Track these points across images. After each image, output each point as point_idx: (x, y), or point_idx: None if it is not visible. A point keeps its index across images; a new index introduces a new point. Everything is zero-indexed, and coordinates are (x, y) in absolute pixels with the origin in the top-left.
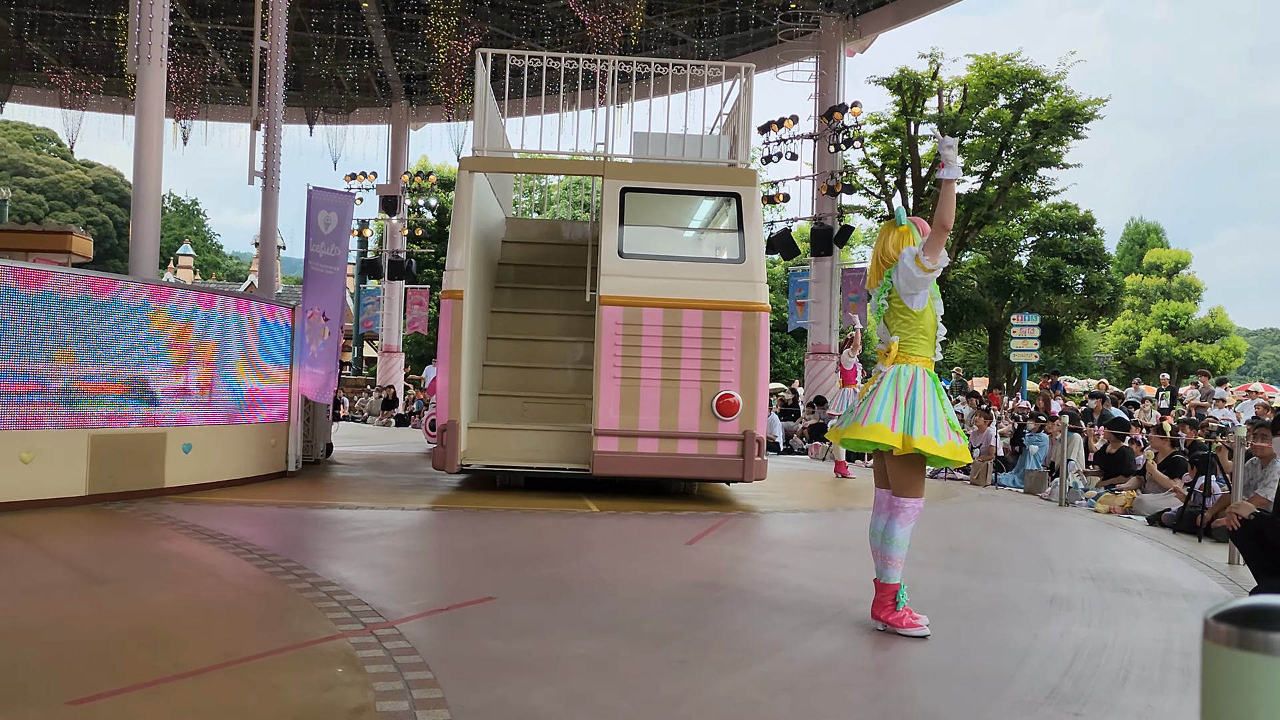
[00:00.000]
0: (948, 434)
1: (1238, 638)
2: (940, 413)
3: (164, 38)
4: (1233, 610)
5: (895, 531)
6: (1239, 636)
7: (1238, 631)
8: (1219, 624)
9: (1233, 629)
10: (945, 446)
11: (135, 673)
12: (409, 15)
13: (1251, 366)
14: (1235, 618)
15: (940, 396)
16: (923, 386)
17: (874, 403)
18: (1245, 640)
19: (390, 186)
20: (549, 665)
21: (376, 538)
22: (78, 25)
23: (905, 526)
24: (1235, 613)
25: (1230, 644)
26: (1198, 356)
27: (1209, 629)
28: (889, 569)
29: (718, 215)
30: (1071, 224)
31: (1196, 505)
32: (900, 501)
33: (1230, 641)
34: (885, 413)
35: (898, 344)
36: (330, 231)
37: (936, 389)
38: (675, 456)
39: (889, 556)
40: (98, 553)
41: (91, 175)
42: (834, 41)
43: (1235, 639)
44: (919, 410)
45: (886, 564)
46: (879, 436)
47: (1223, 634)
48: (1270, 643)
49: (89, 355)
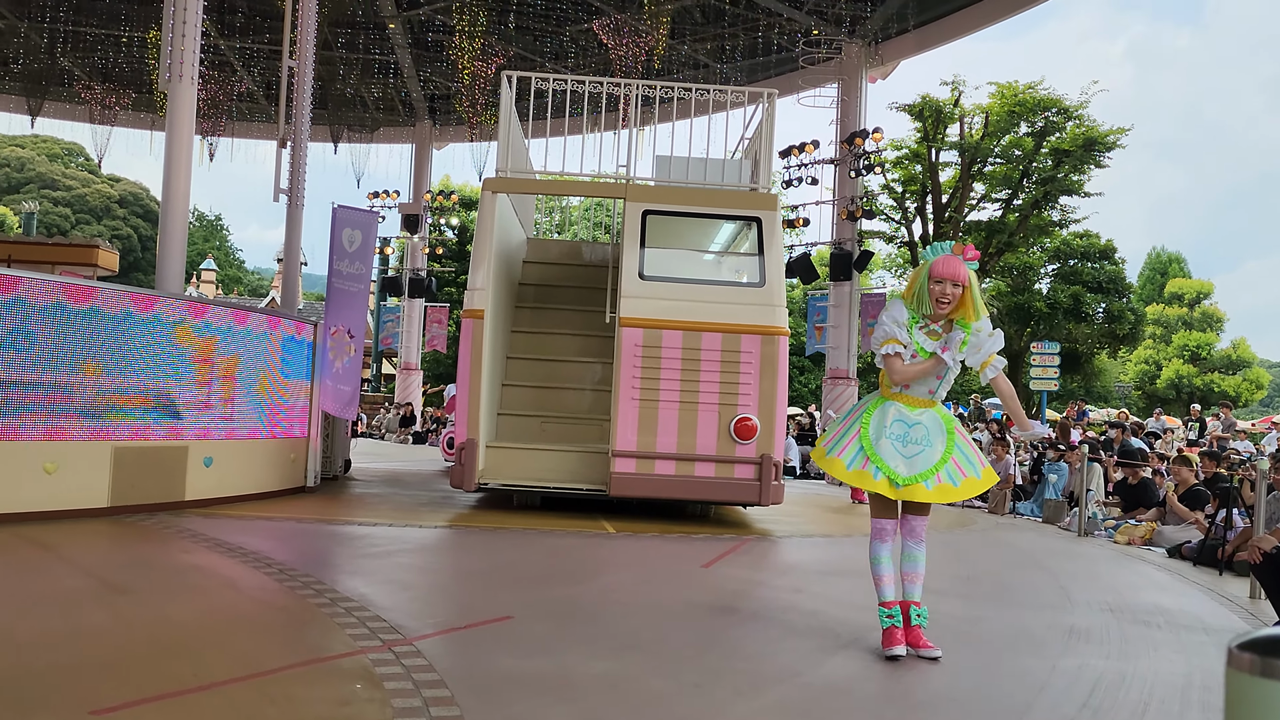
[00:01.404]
0: (843, 450)
1: (1261, 666)
2: (852, 431)
3: (195, 56)
4: (1257, 639)
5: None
6: (1263, 665)
7: (1261, 660)
8: (1243, 652)
9: (1257, 657)
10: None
11: (156, 684)
12: (434, 36)
13: (1274, 399)
14: (1260, 646)
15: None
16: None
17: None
18: (1269, 669)
19: (412, 205)
20: (566, 685)
21: (394, 554)
22: (109, 42)
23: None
24: (1260, 642)
25: (1254, 672)
26: (1219, 388)
27: (1233, 657)
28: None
29: (738, 239)
30: (1093, 252)
31: (1218, 538)
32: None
33: (1254, 670)
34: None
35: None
36: (354, 249)
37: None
38: (692, 479)
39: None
40: (119, 564)
41: (118, 189)
42: (856, 67)
43: (1259, 667)
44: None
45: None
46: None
47: (1247, 662)
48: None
49: (115, 368)
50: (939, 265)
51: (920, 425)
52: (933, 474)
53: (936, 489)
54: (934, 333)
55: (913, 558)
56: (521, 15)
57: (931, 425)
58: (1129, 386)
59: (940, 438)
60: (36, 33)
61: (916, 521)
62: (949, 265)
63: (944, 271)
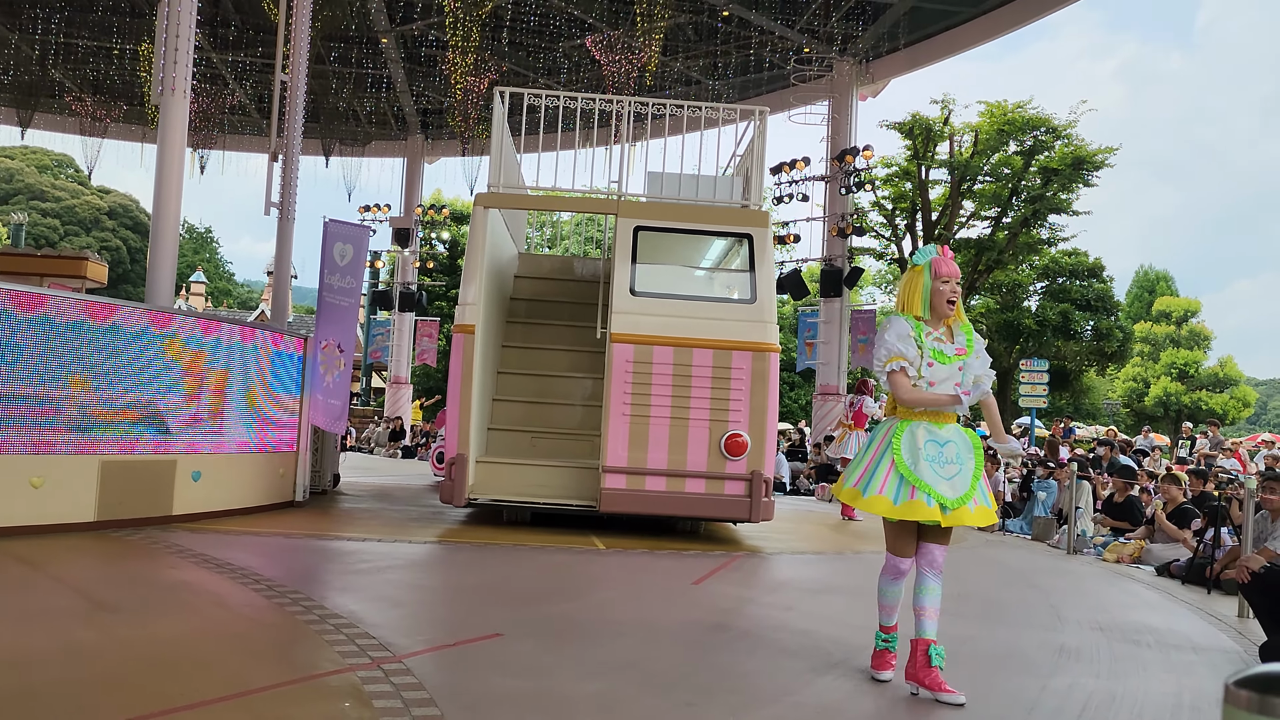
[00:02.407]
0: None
1: (1259, 704)
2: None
3: (188, 70)
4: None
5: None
6: (1260, 702)
7: (1259, 698)
8: (1240, 689)
9: (1254, 695)
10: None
11: (144, 702)
12: (427, 51)
13: (1261, 416)
14: (1256, 684)
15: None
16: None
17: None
18: (1266, 706)
19: (403, 219)
20: (556, 705)
21: (383, 570)
22: (100, 54)
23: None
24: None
25: (1251, 709)
26: (1206, 405)
27: (1230, 694)
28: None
29: (729, 255)
30: (1081, 270)
31: (1206, 556)
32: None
33: (1251, 707)
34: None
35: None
36: (345, 263)
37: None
38: (683, 495)
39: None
40: (106, 580)
41: (107, 201)
42: (847, 85)
43: (1256, 704)
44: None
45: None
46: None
47: (1244, 699)
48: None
49: (102, 381)
50: (940, 264)
51: (952, 444)
52: (971, 495)
53: (978, 510)
54: (940, 339)
55: (932, 591)
56: (514, 31)
57: (961, 443)
58: (1117, 404)
59: (970, 456)
60: (28, 44)
61: (939, 551)
62: (948, 263)
63: (947, 270)
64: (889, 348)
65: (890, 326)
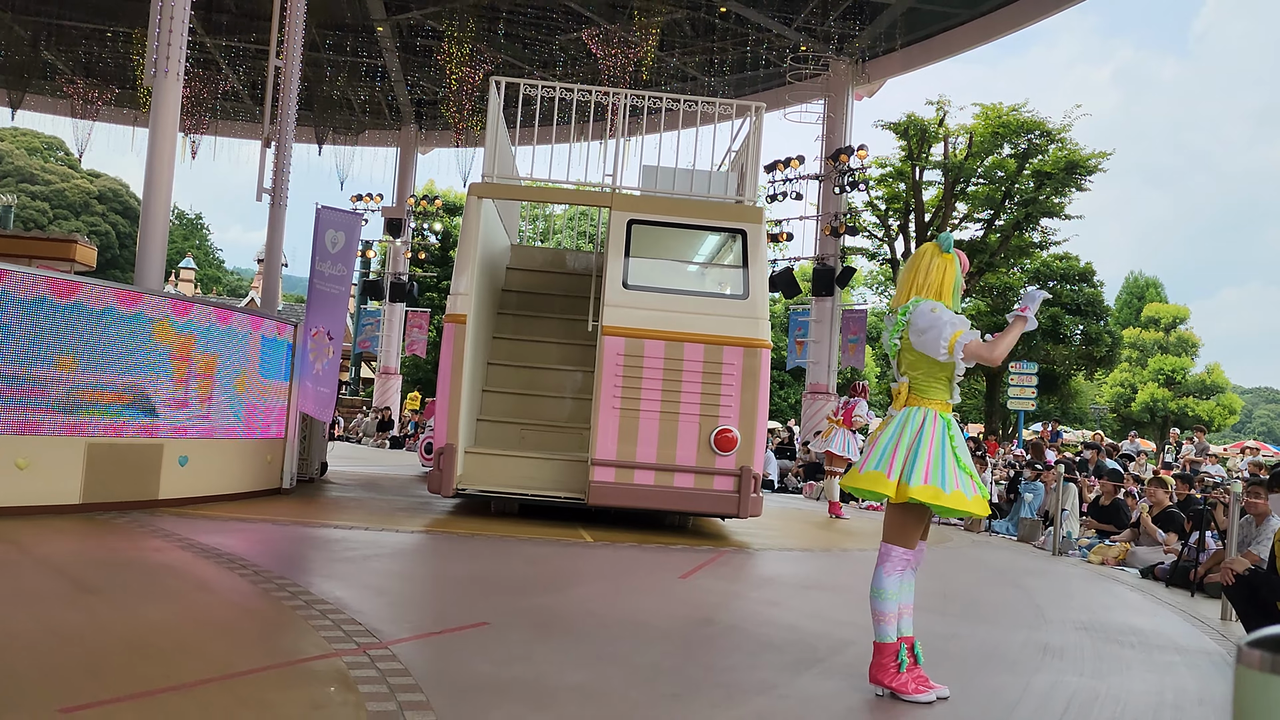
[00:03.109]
0: (956, 481)
1: (1271, 662)
2: (949, 459)
3: (182, 52)
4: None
5: (880, 581)
6: (1273, 662)
7: (1272, 657)
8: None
9: (1267, 654)
10: (952, 495)
11: (127, 683)
12: (423, 41)
13: (1246, 424)
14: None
15: (953, 442)
16: (931, 431)
17: (874, 448)
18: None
19: (395, 209)
20: (542, 694)
21: (370, 559)
22: (93, 36)
23: (890, 575)
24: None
25: (1264, 669)
26: (1193, 412)
27: (1243, 654)
28: (879, 625)
29: (723, 251)
30: (1072, 274)
31: (1190, 560)
32: (885, 548)
33: (1264, 666)
34: (885, 460)
35: (908, 385)
36: (337, 251)
37: (949, 434)
38: (671, 490)
39: (875, 611)
40: (91, 562)
41: (97, 185)
42: (843, 85)
43: (1269, 664)
44: (923, 457)
45: (875, 620)
46: (874, 485)
47: (1256, 659)
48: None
49: (90, 363)
50: (964, 258)
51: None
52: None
53: (849, 474)
54: None
55: (912, 587)
56: (511, 23)
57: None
58: (1104, 408)
59: None
60: (20, 25)
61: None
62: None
63: (967, 263)
64: (951, 321)
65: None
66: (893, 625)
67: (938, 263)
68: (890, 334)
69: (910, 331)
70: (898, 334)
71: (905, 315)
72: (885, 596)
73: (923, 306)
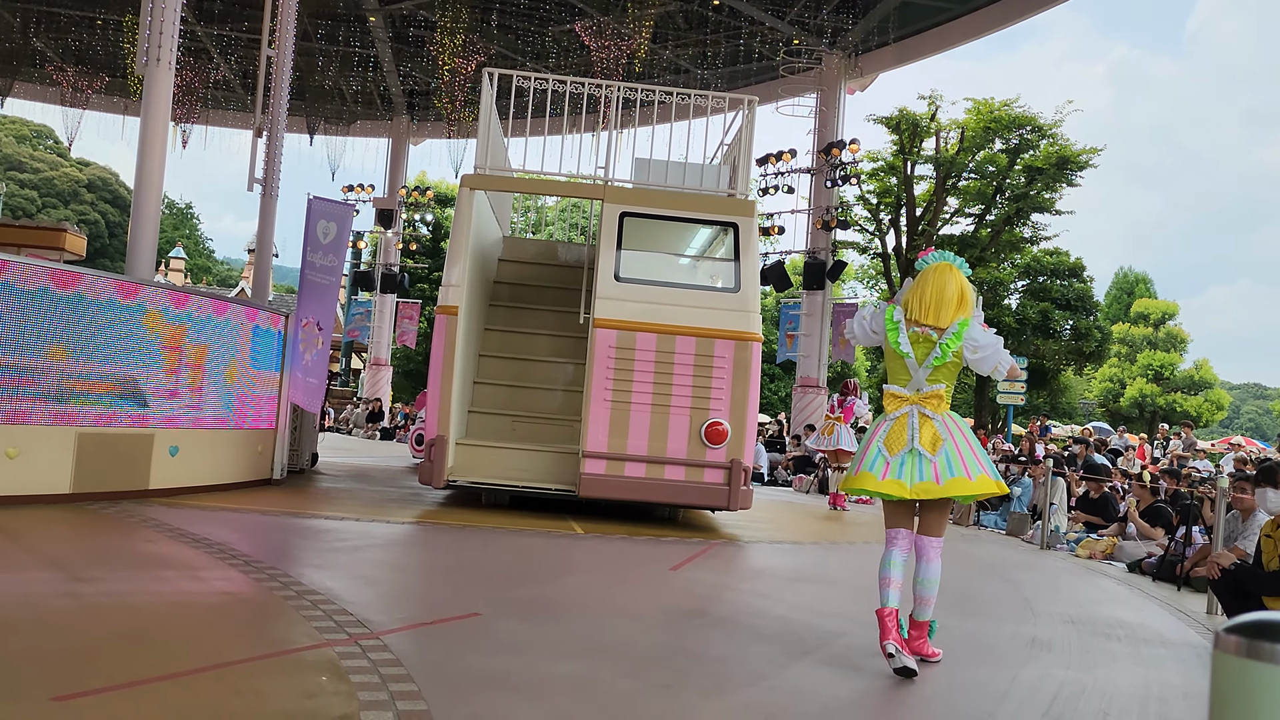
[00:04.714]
0: (995, 469)
1: (1247, 648)
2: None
3: (174, 40)
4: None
5: (936, 571)
6: (1249, 647)
7: (1247, 642)
8: (1230, 635)
9: (1243, 639)
10: (997, 482)
11: (119, 672)
12: (415, 32)
13: (1234, 420)
14: (1246, 630)
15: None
16: (968, 433)
17: (963, 455)
18: (1255, 650)
19: (387, 200)
20: (532, 684)
21: (361, 549)
22: (83, 24)
23: (939, 564)
24: (1246, 625)
25: (1240, 654)
26: (1181, 407)
27: (1220, 640)
28: (930, 608)
29: (714, 244)
30: (1062, 270)
31: (1177, 554)
32: (938, 542)
33: (1240, 651)
34: (981, 462)
35: (945, 391)
36: (328, 242)
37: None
38: (662, 482)
39: (930, 598)
40: (82, 552)
41: (86, 174)
42: (835, 79)
43: (1245, 649)
44: (983, 455)
45: (929, 604)
46: (988, 487)
47: (1233, 644)
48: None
49: (81, 353)
50: None
51: None
52: None
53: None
54: None
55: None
56: (504, 14)
57: None
58: (1093, 403)
59: None
60: (9, 12)
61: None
62: None
63: None
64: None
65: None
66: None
67: (965, 284)
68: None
69: (967, 348)
70: (953, 349)
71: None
72: (936, 583)
73: (978, 327)
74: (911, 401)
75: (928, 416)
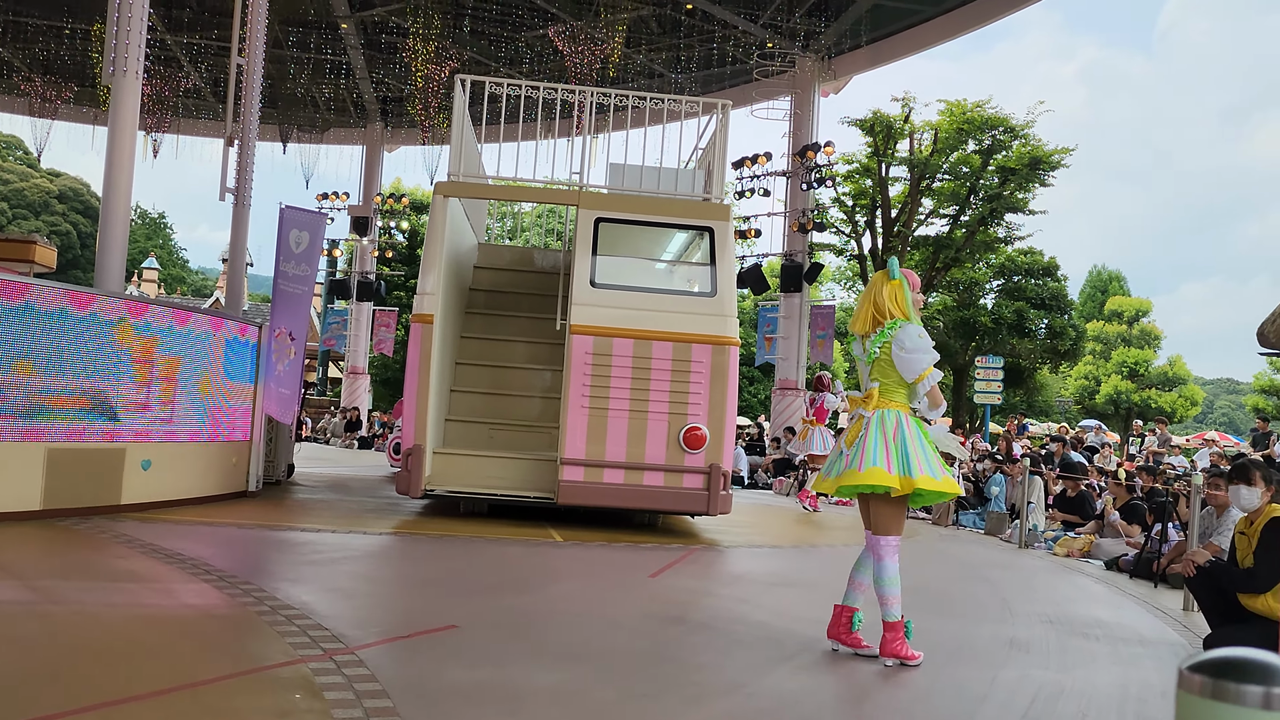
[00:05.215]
0: (940, 469)
1: (1211, 688)
2: (930, 451)
3: (140, 50)
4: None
5: (888, 570)
6: (1212, 687)
7: (1211, 682)
8: (1193, 674)
9: (1206, 679)
10: (943, 481)
11: (90, 693)
12: (388, 38)
13: (1208, 415)
14: (1208, 669)
15: (925, 436)
16: (910, 430)
17: (864, 449)
18: (1218, 691)
19: (362, 207)
20: (512, 697)
21: (337, 562)
22: (50, 33)
23: (894, 562)
24: (1208, 664)
25: (1204, 694)
26: (1156, 404)
27: (1183, 679)
28: (891, 607)
29: (690, 248)
30: (1036, 269)
31: (1153, 551)
32: (885, 540)
33: (1204, 692)
34: (880, 456)
35: (878, 390)
36: (301, 251)
37: (920, 430)
38: (641, 488)
39: (885, 596)
40: (53, 569)
41: (57, 184)
42: (809, 81)
43: (1209, 689)
44: (911, 451)
45: (888, 603)
46: (879, 479)
47: (1196, 684)
48: (1241, 694)
49: (49, 367)
50: (912, 278)
51: None
52: None
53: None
54: None
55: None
56: (477, 20)
57: None
58: (1069, 401)
59: None
60: None
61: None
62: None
63: (917, 282)
64: (930, 357)
65: (921, 334)
66: (898, 605)
67: (889, 290)
68: (871, 344)
69: (895, 345)
70: (879, 344)
71: (893, 329)
72: (894, 581)
73: (912, 329)
74: (859, 403)
75: (862, 415)
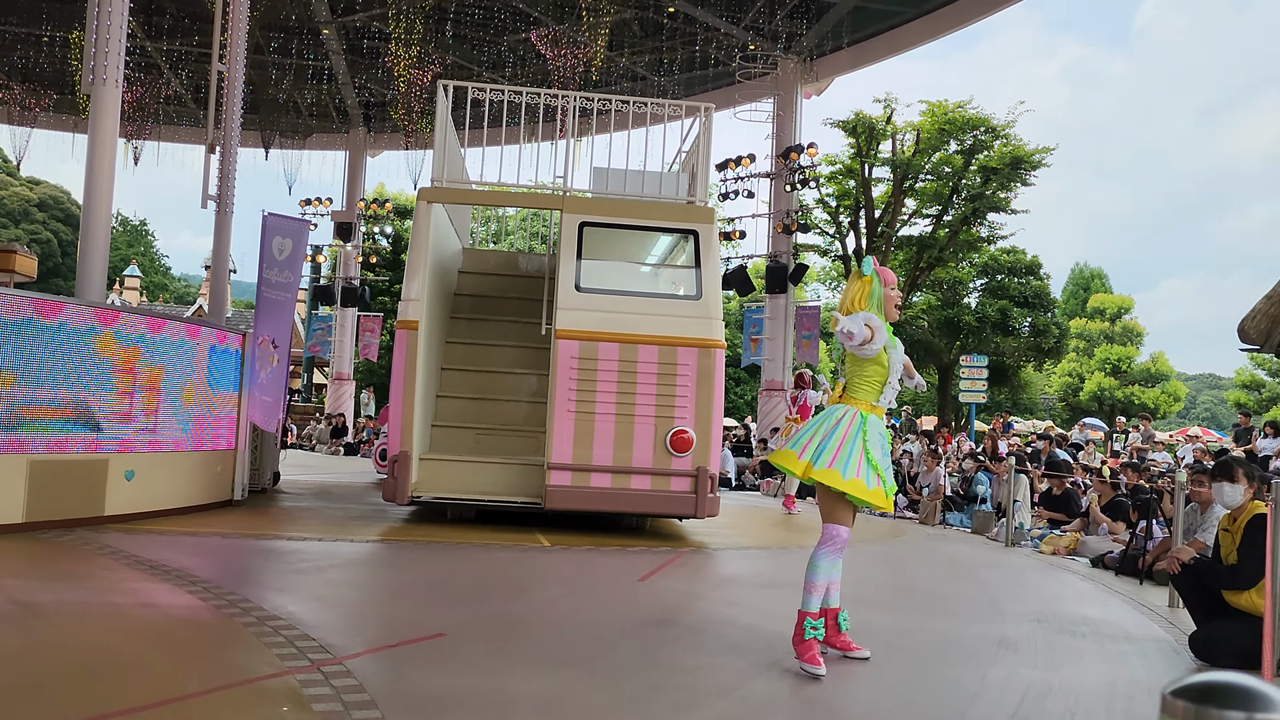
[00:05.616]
0: (858, 471)
1: (1194, 714)
2: (857, 450)
3: (120, 58)
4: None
5: (815, 557)
6: (1195, 712)
7: (1194, 708)
8: (1176, 699)
9: (1189, 705)
10: (850, 482)
11: (75, 708)
12: (370, 43)
13: (1190, 410)
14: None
15: (864, 436)
16: (848, 424)
17: (798, 432)
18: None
19: (346, 213)
20: (501, 704)
21: (324, 570)
22: (29, 41)
23: (825, 554)
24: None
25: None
26: (1139, 400)
27: (1166, 704)
28: (806, 595)
29: (675, 251)
30: (1019, 268)
31: (1138, 548)
32: (826, 528)
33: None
34: (800, 443)
35: (844, 385)
36: (284, 258)
37: (863, 429)
38: (628, 492)
39: (806, 583)
40: (35, 583)
41: (37, 193)
42: (792, 83)
43: (1191, 715)
44: (832, 444)
45: (804, 590)
46: (784, 462)
47: (1179, 709)
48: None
49: (30, 378)
50: (886, 274)
51: (885, 434)
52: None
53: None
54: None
55: (839, 566)
56: (459, 24)
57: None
58: (1053, 398)
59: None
60: None
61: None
62: (890, 273)
63: (892, 279)
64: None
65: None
66: (818, 596)
67: (857, 285)
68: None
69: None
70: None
71: None
72: (818, 571)
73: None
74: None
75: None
